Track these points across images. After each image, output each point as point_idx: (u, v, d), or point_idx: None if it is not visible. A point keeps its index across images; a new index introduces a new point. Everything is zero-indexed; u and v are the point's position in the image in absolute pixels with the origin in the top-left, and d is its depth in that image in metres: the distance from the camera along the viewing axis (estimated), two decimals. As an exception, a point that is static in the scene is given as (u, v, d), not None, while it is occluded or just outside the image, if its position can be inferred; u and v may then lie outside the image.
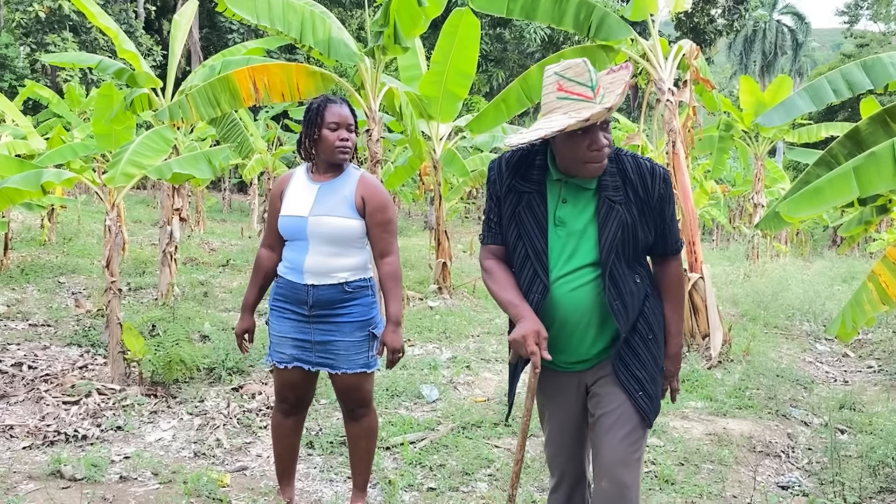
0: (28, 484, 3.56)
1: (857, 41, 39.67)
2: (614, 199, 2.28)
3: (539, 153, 2.36)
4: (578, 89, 2.16)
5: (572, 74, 2.17)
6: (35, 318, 6.97)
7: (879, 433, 4.48)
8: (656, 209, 2.33)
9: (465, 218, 26.44)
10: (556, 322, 2.33)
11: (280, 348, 3.14)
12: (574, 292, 2.30)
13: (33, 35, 21.86)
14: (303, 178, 3.13)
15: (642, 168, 2.32)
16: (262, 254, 3.22)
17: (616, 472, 2.31)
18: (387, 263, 3.11)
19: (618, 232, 2.27)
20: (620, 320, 2.29)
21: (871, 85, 5.34)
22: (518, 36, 28.47)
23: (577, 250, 2.30)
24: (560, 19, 6.62)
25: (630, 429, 2.33)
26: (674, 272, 2.46)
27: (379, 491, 3.64)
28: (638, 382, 2.35)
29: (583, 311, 2.31)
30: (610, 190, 2.28)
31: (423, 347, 6.72)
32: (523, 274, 2.34)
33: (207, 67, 7.93)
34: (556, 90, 2.19)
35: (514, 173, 2.36)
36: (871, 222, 6.69)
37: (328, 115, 3.03)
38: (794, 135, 12.69)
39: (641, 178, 2.31)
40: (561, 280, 2.30)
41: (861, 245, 18.58)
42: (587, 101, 2.15)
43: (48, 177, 4.67)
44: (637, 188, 2.30)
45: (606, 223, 2.27)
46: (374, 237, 3.11)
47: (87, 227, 14.65)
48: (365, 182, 3.10)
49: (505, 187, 2.36)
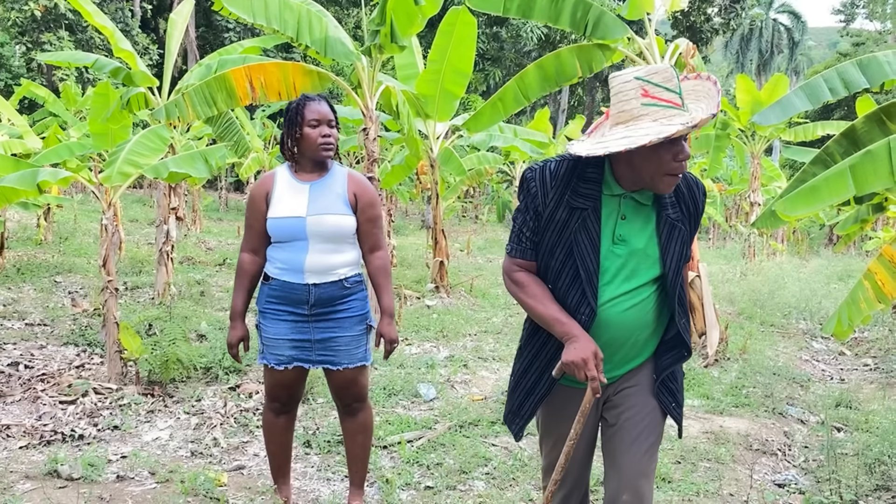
0: (25, 483, 3.55)
1: (854, 40, 39.76)
2: (673, 217, 2.20)
3: (592, 165, 2.18)
4: (668, 95, 2.03)
5: (660, 80, 2.04)
6: (31, 317, 6.95)
7: (875, 431, 4.49)
8: (698, 222, 2.29)
9: (462, 217, 26.44)
10: (603, 344, 2.20)
11: (277, 350, 3.12)
12: (627, 312, 2.19)
13: (29, 34, 21.80)
14: (288, 179, 3.10)
15: (689, 182, 2.26)
16: (244, 258, 3.18)
17: (637, 484, 2.26)
18: (377, 258, 3.16)
19: (681, 249, 2.22)
20: (687, 336, 2.27)
21: (868, 83, 5.35)
22: (515, 35, 28.47)
23: (638, 269, 2.19)
24: (556, 18, 6.61)
25: (653, 440, 2.30)
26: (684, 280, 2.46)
27: (376, 490, 3.64)
28: (671, 395, 2.33)
29: (633, 329, 2.22)
30: (669, 207, 2.20)
31: (420, 346, 6.72)
32: (569, 296, 2.18)
33: (204, 66, 7.91)
34: (641, 96, 2.04)
35: (562, 186, 2.17)
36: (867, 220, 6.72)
37: (308, 113, 3.03)
38: (790, 133, 12.71)
39: (691, 192, 2.25)
40: (615, 300, 2.19)
41: (857, 243, 18.61)
42: (677, 108, 2.04)
43: (44, 176, 4.66)
44: (688, 203, 2.25)
45: (670, 242, 2.20)
46: (363, 232, 3.14)
47: (83, 226, 14.62)
48: (354, 179, 3.14)
49: (552, 202, 2.17)
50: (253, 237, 3.15)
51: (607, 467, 2.34)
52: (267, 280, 3.12)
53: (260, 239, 3.13)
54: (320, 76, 6.63)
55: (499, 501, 3.50)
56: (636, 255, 2.18)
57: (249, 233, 3.16)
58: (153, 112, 6.32)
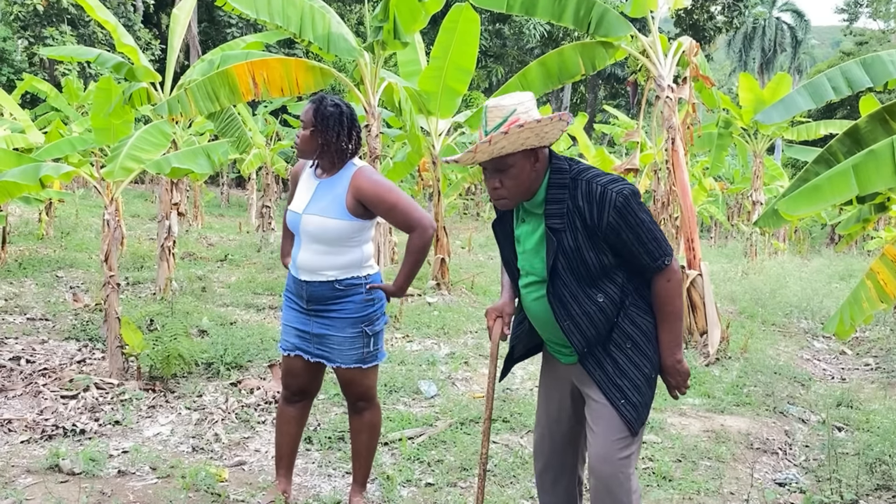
0: (26, 478, 3.56)
1: (857, 39, 39.67)
2: (555, 227, 2.36)
3: None
4: (480, 129, 2.35)
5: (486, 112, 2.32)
6: (33, 312, 6.96)
7: (876, 430, 4.49)
8: (610, 235, 2.32)
9: (463, 214, 26.41)
10: (535, 322, 2.58)
11: (286, 336, 3.24)
12: (535, 302, 2.50)
13: (31, 28, 21.77)
14: (309, 172, 3.19)
15: (592, 195, 2.31)
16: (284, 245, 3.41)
17: (600, 469, 2.41)
18: (412, 238, 3.14)
19: (558, 257, 2.36)
20: (573, 339, 2.40)
21: (871, 83, 5.34)
22: (518, 32, 28.45)
23: (532, 267, 2.48)
24: (560, 15, 6.61)
25: (615, 429, 2.40)
26: (660, 289, 2.41)
27: (377, 486, 3.64)
28: (619, 390, 2.40)
29: (545, 320, 2.50)
30: (555, 218, 2.36)
31: (421, 343, 6.72)
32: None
33: (206, 62, 7.91)
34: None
35: None
36: (869, 220, 6.70)
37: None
38: (792, 132, 12.69)
39: (589, 206, 2.32)
40: (525, 289, 2.53)
41: (859, 243, 18.58)
42: (479, 141, 2.30)
43: (46, 171, 4.66)
44: (585, 215, 2.32)
45: (549, 250, 2.38)
46: (392, 223, 3.16)
47: (85, 221, 14.62)
48: (356, 180, 3.04)
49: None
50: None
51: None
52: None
53: None
54: (323, 72, 6.63)
55: (499, 498, 3.50)
56: (529, 254, 2.48)
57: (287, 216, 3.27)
58: (155, 107, 6.32)
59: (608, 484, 2.39)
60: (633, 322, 2.41)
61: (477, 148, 2.26)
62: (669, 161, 7.20)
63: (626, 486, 2.39)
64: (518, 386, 5.38)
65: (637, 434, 2.43)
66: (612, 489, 2.38)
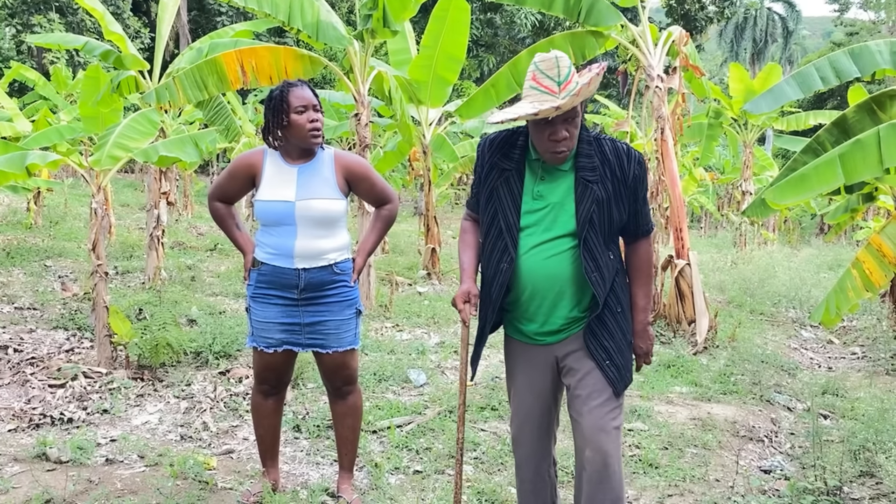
0: (13, 466, 3.56)
1: (848, 29, 39.73)
2: (589, 179, 2.44)
3: (521, 134, 2.54)
4: (546, 82, 2.32)
5: (545, 67, 2.32)
6: (21, 301, 6.93)
7: (861, 418, 4.53)
8: (630, 189, 2.48)
9: (454, 204, 26.38)
10: (528, 290, 2.49)
11: (267, 333, 3.13)
12: (549, 260, 2.45)
13: (19, 16, 21.57)
14: (277, 161, 3.10)
15: (619, 150, 2.49)
16: (219, 206, 3.24)
17: (597, 439, 2.43)
18: (384, 209, 3.28)
19: (592, 206, 2.43)
20: (598, 290, 2.43)
21: (859, 73, 5.36)
22: (509, 21, 28.37)
23: (556, 221, 2.45)
24: (550, 4, 6.60)
25: (606, 398, 2.47)
26: (644, 252, 2.60)
27: (365, 474, 3.65)
28: (605, 351, 2.48)
29: (556, 279, 2.46)
30: (587, 170, 2.45)
31: (411, 332, 6.73)
32: (496, 247, 2.51)
33: (195, 50, 7.86)
34: (531, 79, 2.35)
35: (496, 152, 2.55)
36: (857, 210, 6.75)
37: (293, 100, 3.02)
38: (782, 122, 12.72)
39: (618, 159, 2.47)
40: (536, 248, 2.46)
41: (848, 233, 18.68)
42: (551, 94, 2.30)
43: (34, 159, 4.63)
44: (614, 168, 2.46)
45: (583, 199, 2.43)
46: (367, 198, 3.24)
47: (73, 210, 14.54)
48: (341, 160, 3.13)
49: (487, 165, 2.55)
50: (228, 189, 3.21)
51: (573, 429, 2.54)
52: (256, 265, 3.11)
53: (231, 193, 3.22)
54: (312, 61, 6.59)
55: (487, 485, 3.52)
56: (554, 209, 2.46)
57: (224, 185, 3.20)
58: (144, 96, 6.28)
59: (605, 457, 2.42)
60: (622, 288, 2.54)
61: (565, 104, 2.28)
62: (659, 151, 7.21)
63: (619, 462, 2.46)
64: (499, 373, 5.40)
65: (620, 399, 2.51)
66: (608, 462, 2.42)
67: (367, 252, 3.28)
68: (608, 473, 2.43)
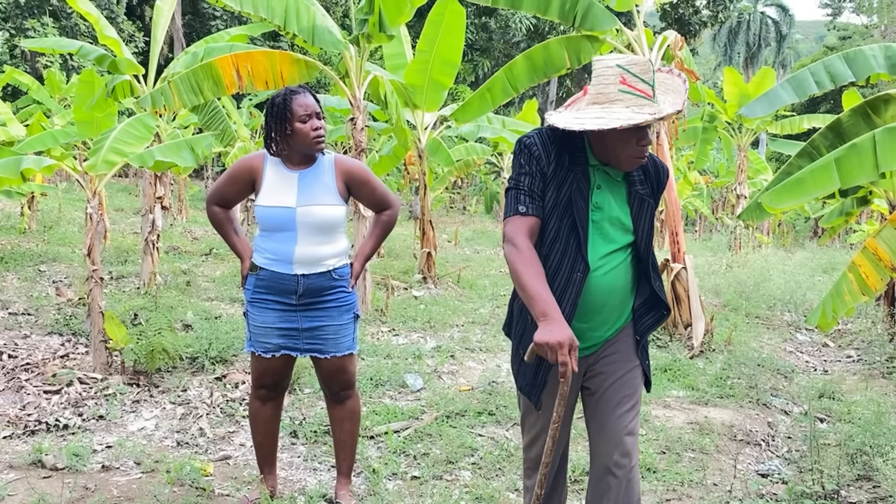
0: (9, 473, 3.53)
1: (841, 33, 39.91)
2: (641, 192, 2.43)
3: (580, 135, 2.34)
4: (642, 86, 2.24)
5: (637, 70, 2.23)
6: (15, 306, 6.90)
7: (858, 422, 4.53)
8: (657, 200, 2.51)
9: (450, 208, 26.42)
10: (588, 306, 2.36)
11: (265, 339, 3.13)
12: (606, 275, 2.36)
13: (12, 20, 21.52)
14: (278, 166, 3.09)
15: (656, 164, 2.51)
16: (217, 210, 3.21)
17: (625, 441, 2.40)
18: (384, 215, 3.28)
19: (649, 220, 2.45)
20: (663, 295, 2.47)
21: (853, 77, 5.38)
22: (504, 25, 28.41)
23: (613, 235, 2.38)
24: (545, 8, 6.61)
25: (634, 402, 2.47)
26: None
27: (363, 479, 3.64)
28: (645, 352, 2.54)
29: (611, 292, 2.39)
30: (637, 184, 2.43)
31: (407, 337, 6.72)
32: (566, 255, 2.31)
33: (190, 54, 7.85)
34: (619, 83, 2.23)
35: (562, 149, 2.32)
36: (851, 213, 6.78)
37: (297, 108, 3.01)
38: (777, 126, 12.77)
39: (657, 174, 2.50)
40: (597, 264, 2.35)
41: (842, 236, 18.76)
42: (649, 99, 2.24)
43: (28, 164, 4.62)
44: (653, 182, 2.49)
45: (640, 212, 2.42)
46: (367, 204, 3.25)
47: (68, 215, 14.50)
48: (341, 166, 3.13)
49: (553, 162, 2.31)
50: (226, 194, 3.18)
51: (594, 432, 2.48)
52: (254, 269, 3.10)
53: (229, 198, 3.19)
54: (307, 65, 6.59)
55: (485, 491, 3.51)
56: (611, 222, 2.37)
57: (223, 189, 3.17)
58: (139, 100, 6.27)
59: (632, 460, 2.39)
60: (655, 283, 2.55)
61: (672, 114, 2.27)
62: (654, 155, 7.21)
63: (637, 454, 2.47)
64: (504, 379, 5.39)
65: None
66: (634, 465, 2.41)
67: (366, 257, 3.28)
68: (633, 476, 2.42)
